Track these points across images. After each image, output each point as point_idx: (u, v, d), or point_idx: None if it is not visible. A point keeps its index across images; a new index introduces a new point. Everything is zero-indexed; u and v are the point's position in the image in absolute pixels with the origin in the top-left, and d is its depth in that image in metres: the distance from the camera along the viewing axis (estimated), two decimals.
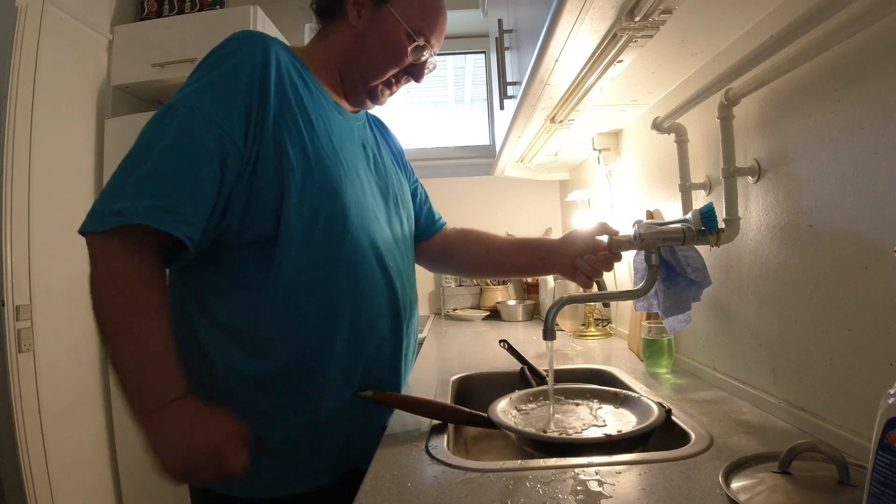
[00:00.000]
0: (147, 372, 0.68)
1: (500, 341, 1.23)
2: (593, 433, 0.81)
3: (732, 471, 0.60)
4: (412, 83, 0.98)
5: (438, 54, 1.03)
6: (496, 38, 1.53)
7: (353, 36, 0.89)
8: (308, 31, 2.48)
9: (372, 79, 0.91)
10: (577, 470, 0.68)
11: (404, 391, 0.99)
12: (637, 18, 0.78)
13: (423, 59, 0.93)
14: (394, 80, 0.94)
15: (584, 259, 0.99)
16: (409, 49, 0.89)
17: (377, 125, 1.10)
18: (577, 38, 0.87)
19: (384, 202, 0.95)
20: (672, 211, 1.22)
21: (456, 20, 2.53)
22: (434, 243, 1.20)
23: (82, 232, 0.70)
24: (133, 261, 0.70)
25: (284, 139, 0.76)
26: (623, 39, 0.85)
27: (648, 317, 1.22)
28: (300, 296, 0.78)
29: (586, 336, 1.63)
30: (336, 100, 0.92)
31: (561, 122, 1.36)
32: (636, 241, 0.93)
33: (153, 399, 0.68)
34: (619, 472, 0.66)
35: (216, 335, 0.79)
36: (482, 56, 2.71)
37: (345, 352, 0.82)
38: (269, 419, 0.79)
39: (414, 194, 1.17)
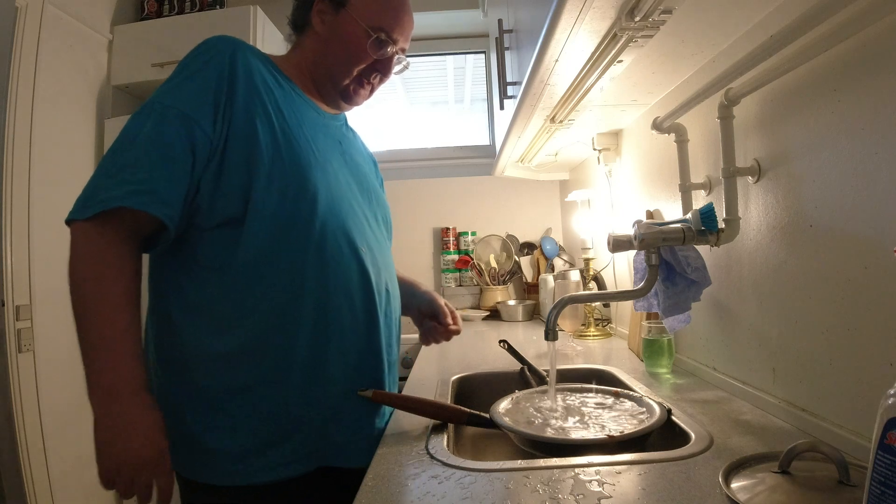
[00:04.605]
0: (105, 354, 0.72)
1: (500, 341, 1.23)
2: (593, 433, 0.81)
3: (732, 471, 0.60)
4: (415, 89, 1.01)
5: (438, 54, 1.05)
6: (496, 38, 1.53)
7: (319, 41, 0.95)
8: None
9: (340, 78, 0.95)
10: (577, 470, 0.68)
11: (404, 391, 1.00)
12: (637, 18, 0.78)
13: (388, 54, 0.96)
14: (365, 80, 0.97)
15: (426, 322, 1.12)
16: (368, 45, 0.93)
17: (357, 134, 1.14)
18: (576, 38, 0.87)
19: (361, 195, 0.97)
20: (672, 211, 1.22)
21: (456, 20, 2.53)
22: None
23: (68, 221, 0.76)
24: (110, 247, 0.75)
25: (254, 124, 0.81)
26: (623, 39, 0.85)
27: (648, 317, 1.22)
28: (264, 275, 0.81)
29: (586, 336, 1.63)
30: (312, 100, 0.97)
31: (561, 122, 1.36)
32: (636, 241, 0.93)
33: (107, 383, 0.72)
34: (619, 472, 0.66)
35: (186, 316, 0.82)
36: (482, 56, 2.70)
37: (311, 331, 0.83)
38: (236, 395, 0.80)
39: None
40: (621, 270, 1.62)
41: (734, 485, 0.57)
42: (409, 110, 2.92)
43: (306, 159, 0.85)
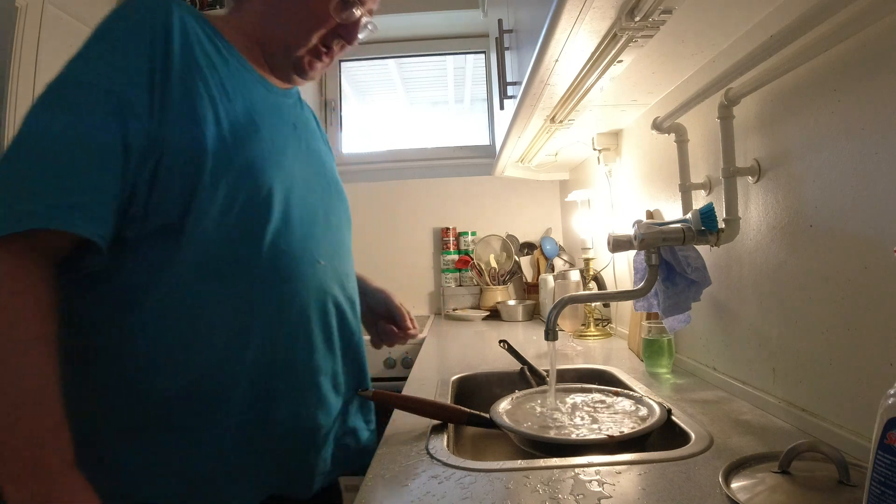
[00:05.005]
0: (25, 420, 0.54)
1: (500, 341, 1.23)
2: (594, 433, 0.81)
3: (732, 471, 0.60)
4: (415, 89, 0.93)
5: (438, 54, 0.98)
6: (496, 38, 1.53)
7: (269, 0, 0.78)
8: None
9: (296, 47, 0.78)
10: (577, 470, 0.68)
11: (404, 391, 1.00)
12: (637, 18, 0.78)
13: (354, 16, 0.79)
14: (323, 49, 0.80)
15: (380, 325, 1.01)
16: (333, 5, 0.77)
17: (309, 110, 0.95)
18: (576, 38, 0.87)
19: (321, 190, 0.82)
20: (672, 211, 1.22)
21: (456, 20, 2.53)
22: None
23: None
24: (20, 278, 0.57)
25: (195, 106, 0.65)
26: (623, 39, 0.85)
27: (648, 317, 1.22)
28: (206, 292, 0.66)
29: (586, 336, 1.63)
30: (261, 73, 0.79)
31: (561, 122, 1.36)
32: (636, 241, 0.93)
33: (29, 458, 0.53)
34: (619, 472, 0.66)
35: (103, 351, 0.65)
36: (482, 56, 2.70)
37: (258, 360, 0.69)
38: (162, 440, 0.65)
39: None
40: (621, 270, 1.62)
41: (734, 485, 0.57)
42: (409, 110, 2.92)
43: (259, 152, 0.70)
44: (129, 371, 0.65)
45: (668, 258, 0.95)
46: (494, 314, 2.29)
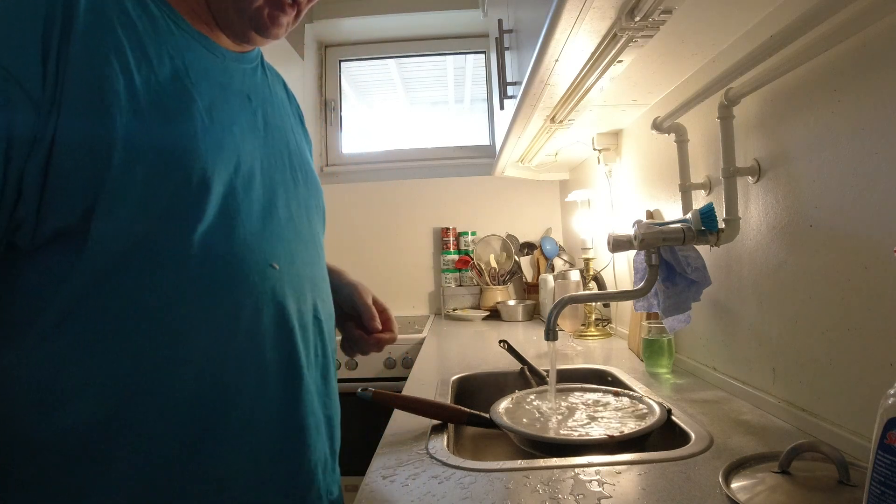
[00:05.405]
0: None
1: (500, 341, 1.23)
2: (594, 433, 0.81)
3: (732, 471, 0.61)
4: (415, 89, 0.81)
5: (438, 54, 0.93)
6: (496, 38, 1.53)
7: None
8: (310, 37, 2.48)
9: None
10: (577, 470, 0.68)
11: (404, 391, 0.99)
12: (637, 18, 0.78)
13: None
14: None
15: (348, 327, 0.83)
16: None
17: (278, 78, 0.80)
18: (576, 38, 0.87)
19: (281, 175, 0.67)
20: (672, 211, 1.22)
21: (456, 20, 2.53)
22: None
23: None
24: None
25: (100, 80, 0.51)
26: (623, 39, 0.85)
27: (648, 317, 1.22)
28: (115, 310, 0.52)
29: (586, 336, 1.63)
30: (206, 34, 0.65)
31: (561, 122, 1.36)
32: (636, 241, 0.93)
33: None
34: (619, 472, 0.66)
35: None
36: (482, 56, 2.70)
37: (191, 398, 0.54)
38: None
39: None
40: (621, 270, 1.62)
41: (734, 485, 0.57)
42: (409, 110, 2.92)
43: (190, 128, 0.56)
44: (12, 412, 0.52)
45: (668, 258, 0.95)
46: (494, 314, 2.29)
